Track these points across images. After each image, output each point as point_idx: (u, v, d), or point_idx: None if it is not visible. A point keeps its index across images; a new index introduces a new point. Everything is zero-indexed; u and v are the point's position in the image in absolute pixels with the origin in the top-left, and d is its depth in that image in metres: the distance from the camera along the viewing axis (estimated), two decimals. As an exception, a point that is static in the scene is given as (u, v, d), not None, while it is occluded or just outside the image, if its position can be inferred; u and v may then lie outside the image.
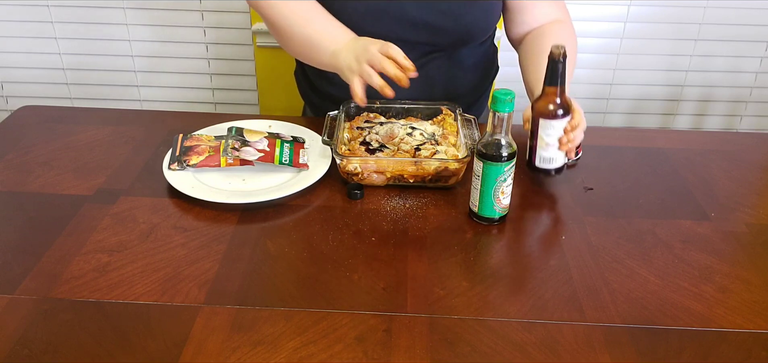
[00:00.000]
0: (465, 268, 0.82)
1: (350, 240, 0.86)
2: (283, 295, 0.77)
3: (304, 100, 1.33)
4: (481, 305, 0.76)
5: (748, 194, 1.01)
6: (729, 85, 2.07)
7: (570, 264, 0.83)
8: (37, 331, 0.71)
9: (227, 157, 1.00)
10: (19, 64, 2.07)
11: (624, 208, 0.96)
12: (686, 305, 0.77)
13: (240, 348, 0.69)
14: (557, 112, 0.92)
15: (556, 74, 0.90)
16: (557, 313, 0.75)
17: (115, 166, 1.04)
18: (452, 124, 1.08)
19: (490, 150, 0.86)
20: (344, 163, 0.96)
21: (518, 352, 0.69)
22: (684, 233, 0.90)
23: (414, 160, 0.96)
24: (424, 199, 0.96)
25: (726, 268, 0.83)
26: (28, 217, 0.91)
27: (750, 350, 0.71)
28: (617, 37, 1.99)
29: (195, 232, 0.87)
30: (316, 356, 0.68)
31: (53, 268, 0.80)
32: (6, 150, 1.08)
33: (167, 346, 0.69)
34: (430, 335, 0.71)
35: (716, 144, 1.17)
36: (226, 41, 2.01)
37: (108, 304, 0.74)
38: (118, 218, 0.90)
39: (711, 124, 2.15)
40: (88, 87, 2.10)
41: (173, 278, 0.79)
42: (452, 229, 0.90)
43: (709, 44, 2.00)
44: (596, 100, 2.10)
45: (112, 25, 1.99)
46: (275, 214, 0.92)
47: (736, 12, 1.95)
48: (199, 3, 1.94)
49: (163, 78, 2.08)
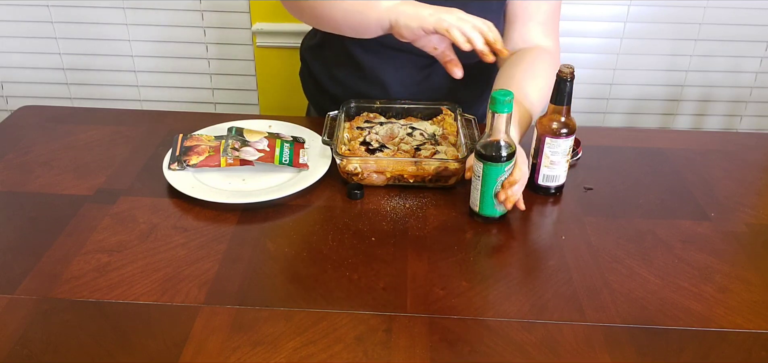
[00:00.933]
0: (465, 268, 0.82)
1: (350, 240, 0.86)
2: (283, 295, 0.77)
3: (309, 100, 1.33)
4: (481, 305, 0.76)
5: (748, 194, 1.01)
6: (729, 85, 2.07)
7: (570, 264, 0.83)
8: (37, 331, 0.71)
9: (227, 157, 1.00)
10: (19, 64, 2.07)
11: (624, 208, 0.96)
12: (686, 305, 0.77)
13: (240, 348, 0.69)
14: (562, 130, 0.92)
15: (563, 93, 0.91)
16: (557, 313, 0.75)
17: (115, 166, 1.04)
18: (452, 124, 1.08)
19: (489, 151, 0.86)
20: (344, 163, 0.96)
21: (518, 352, 0.69)
22: (684, 233, 0.90)
23: (414, 160, 0.96)
24: (424, 199, 0.96)
25: (726, 268, 0.83)
26: (28, 217, 0.91)
27: (750, 350, 0.71)
28: (617, 37, 1.99)
29: (195, 232, 0.87)
30: (316, 356, 0.68)
31: (53, 268, 0.80)
32: (6, 150, 1.08)
33: (167, 346, 0.69)
34: (430, 335, 0.71)
35: (716, 144, 1.17)
36: (226, 41, 2.01)
37: (108, 304, 0.74)
38: (118, 218, 0.90)
39: (711, 124, 2.15)
40: (88, 87, 2.10)
41: (173, 278, 0.79)
42: (452, 229, 0.90)
43: (709, 44, 2.00)
44: (596, 100, 2.10)
45: (112, 25, 1.99)
46: (275, 214, 0.92)
47: (736, 12, 1.95)
48: (199, 3, 1.94)
49: (163, 78, 2.08)
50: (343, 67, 1.18)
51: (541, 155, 0.95)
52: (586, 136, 1.12)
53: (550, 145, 0.94)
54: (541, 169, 0.96)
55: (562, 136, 0.93)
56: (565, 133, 0.93)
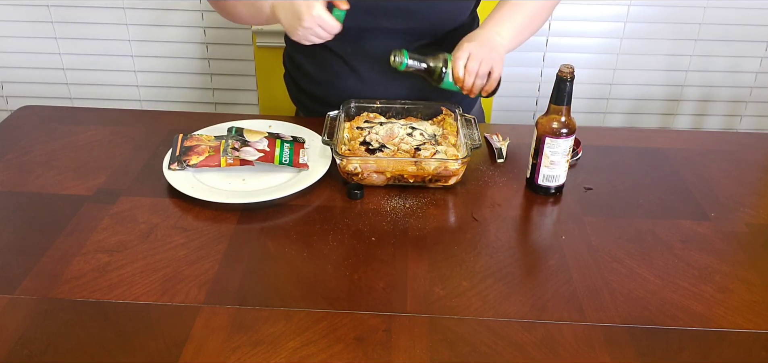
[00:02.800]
0: (465, 268, 0.82)
1: (350, 240, 0.86)
2: (283, 295, 0.77)
3: (294, 103, 1.33)
4: (481, 305, 0.76)
5: (748, 194, 1.01)
6: (729, 85, 2.07)
7: (570, 264, 0.83)
8: (37, 331, 0.71)
9: (227, 157, 1.00)
10: (19, 64, 2.07)
11: (624, 208, 0.96)
12: (686, 305, 0.77)
13: (240, 348, 0.69)
14: (562, 130, 0.92)
15: (563, 94, 0.91)
16: (557, 313, 0.75)
17: (115, 166, 1.04)
18: (452, 124, 1.08)
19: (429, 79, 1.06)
20: (344, 163, 0.96)
21: (518, 352, 0.69)
22: (684, 233, 0.90)
23: (414, 160, 0.96)
24: (424, 199, 0.96)
25: (726, 268, 0.83)
26: (28, 217, 0.91)
27: (750, 350, 0.71)
28: (617, 37, 1.99)
29: (195, 232, 0.87)
30: (316, 356, 0.68)
31: (53, 268, 0.80)
32: (6, 150, 1.08)
33: (167, 346, 0.69)
34: (430, 335, 0.71)
35: (716, 144, 1.17)
36: (226, 41, 2.01)
37: (108, 304, 0.74)
38: (118, 218, 0.90)
39: (711, 124, 2.15)
40: (88, 87, 2.10)
41: (173, 278, 0.79)
42: (452, 229, 0.90)
43: (709, 44, 2.00)
44: (596, 100, 2.10)
45: (112, 25, 1.99)
46: (275, 214, 0.92)
47: (736, 12, 1.95)
48: (199, 3, 1.94)
49: (163, 78, 2.08)
50: (316, 64, 1.20)
51: (541, 155, 0.95)
52: (586, 136, 1.12)
53: (550, 145, 0.94)
54: (541, 169, 0.96)
55: (562, 136, 0.93)
56: (565, 133, 0.93)
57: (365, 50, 1.14)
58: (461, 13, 1.15)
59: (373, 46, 1.14)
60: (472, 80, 1.04)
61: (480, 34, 1.07)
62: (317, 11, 0.97)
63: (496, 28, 1.08)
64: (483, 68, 1.03)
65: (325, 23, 0.98)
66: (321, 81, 1.20)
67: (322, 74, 1.20)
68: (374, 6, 1.08)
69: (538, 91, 2.07)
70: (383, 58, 1.10)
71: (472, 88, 1.05)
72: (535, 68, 2.05)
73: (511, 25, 1.09)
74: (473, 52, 1.03)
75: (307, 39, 1.01)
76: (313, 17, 0.97)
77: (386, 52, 1.07)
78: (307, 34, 1.00)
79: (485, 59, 1.03)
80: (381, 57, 1.14)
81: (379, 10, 1.09)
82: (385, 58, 1.06)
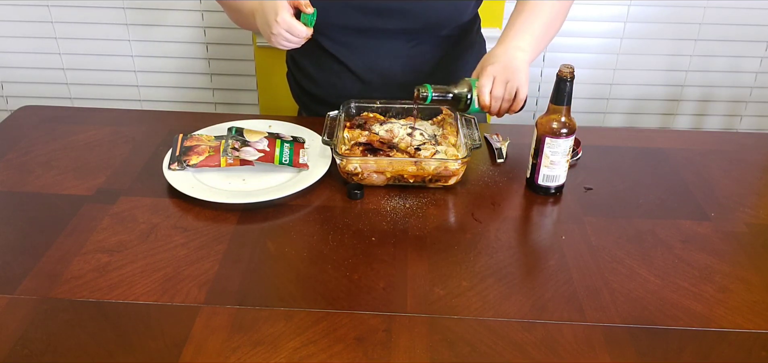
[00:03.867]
0: (465, 268, 0.82)
1: (350, 240, 0.86)
2: (283, 295, 0.77)
3: (296, 102, 1.33)
4: (481, 305, 0.76)
5: (748, 194, 1.01)
6: (729, 85, 2.07)
7: (570, 264, 0.83)
8: (37, 331, 0.71)
9: (227, 157, 1.00)
10: (19, 64, 2.07)
11: (624, 208, 0.96)
12: (686, 305, 0.77)
13: (240, 348, 0.69)
14: (562, 130, 0.92)
15: (563, 94, 0.91)
16: (557, 313, 0.75)
17: (115, 166, 1.04)
18: (452, 124, 1.08)
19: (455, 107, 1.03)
20: (344, 163, 0.96)
21: (518, 352, 0.69)
22: (684, 233, 0.90)
23: (414, 160, 0.96)
24: (424, 199, 0.96)
25: (726, 268, 0.83)
26: (28, 217, 0.91)
27: (750, 350, 0.71)
28: (617, 37, 1.99)
29: (195, 232, 0.87)
30: (316, 356, 0.68)
31: (53, 268, 0.80)
32: (6, 150, 1.08)
33: (167, 346, 0.69)
34: (430, 335, 0.71)
35: (716, 144, 1.17)
36: (226, 41, 2.01)
37: (108, 304, 0.74)
38: (118, 218, 0.90)
39: (711, 124, 2.15)
40: (88, 87, 2.10)
41: (173, 278, 0.79)
42: (452, 229, 0.90)
43: (709, 44, 2.00)
44: (596, 100, 2.10)
45: (112, 25, 1.99)
46: (275, 214, 0.92)
47: (736, 12, 1.95)
48: (199, 3, 1.94)
49: (163, 78, 2.08)
50: (316, 65, 1.20)
51: (541, 155, 0.95)
52: (586, 136, 1.12)
53: (550, 145, 0.94)
54: (541, 169, 0.96)
55: (562, 136, 0.93)
56: (565, 133, 0.93)
57: (365, 51, 1.14)
58: (461, 14, 1.15)
59: (372, 47, 1.14)
60: (499, 105, 1.02)
61: (501, 55, 1.03)
62: (282, 17, 0.98)
63: (515, 42, 1.04)
64: (508, 92, 1.01)
65: (293, 28, 0.99)
66: (321, 81, 1.21)
67: (321, 75, 1.20)
68: (374, 6, 1.08)
69: (538, 91, 2.07)
70: (383, 58, 1.10)
71: (499, 111, 1.03)
72: (535, 68, 2.05)
73: (531, 36, 1.06)
74: (498, 75, 1.00)
75: (279, 45, 1.02)
76: (279, 23, 0.99)
77: (386, 52, 1.07)
78: (278, 40, 1.01)
79: (510, 81, 1.00)
80: (381, 57, 1.14)
81: (378, 10, 1.09)
82: (385, 58, 1.06)
